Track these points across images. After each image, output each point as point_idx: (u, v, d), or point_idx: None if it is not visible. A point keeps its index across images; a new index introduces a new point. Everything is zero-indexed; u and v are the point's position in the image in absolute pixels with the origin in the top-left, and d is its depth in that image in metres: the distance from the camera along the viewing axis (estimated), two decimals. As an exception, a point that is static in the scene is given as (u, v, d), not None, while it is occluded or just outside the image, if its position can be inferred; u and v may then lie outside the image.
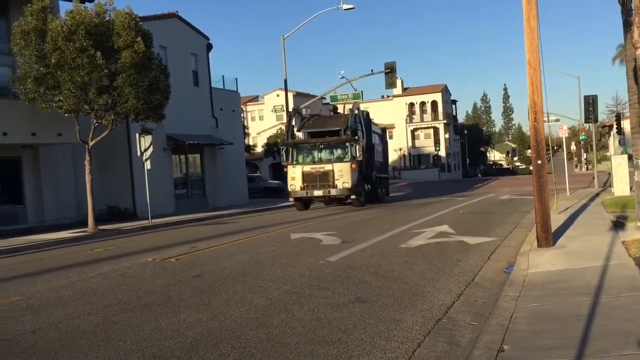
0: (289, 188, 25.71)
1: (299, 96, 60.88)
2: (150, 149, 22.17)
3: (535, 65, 10.30)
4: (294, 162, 25.81)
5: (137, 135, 22.20)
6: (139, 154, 22.36)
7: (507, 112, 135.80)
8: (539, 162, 10.27)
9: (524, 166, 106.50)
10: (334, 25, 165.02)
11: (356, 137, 26.03)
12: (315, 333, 6.23)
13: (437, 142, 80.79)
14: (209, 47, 32.67)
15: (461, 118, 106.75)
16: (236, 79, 35.49)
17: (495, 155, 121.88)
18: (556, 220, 13.35)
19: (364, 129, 27.44)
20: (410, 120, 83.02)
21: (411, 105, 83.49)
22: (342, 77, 49.78)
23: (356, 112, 27.51)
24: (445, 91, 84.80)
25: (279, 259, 11.50)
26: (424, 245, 12.30)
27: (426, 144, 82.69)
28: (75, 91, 18.33)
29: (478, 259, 10.38)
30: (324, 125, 27.61)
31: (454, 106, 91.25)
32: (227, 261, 11.48)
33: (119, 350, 5.90)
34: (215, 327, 6.63)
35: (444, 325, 6.42)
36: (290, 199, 26.26)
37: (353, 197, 25.46)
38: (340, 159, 25.42)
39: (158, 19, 27.17)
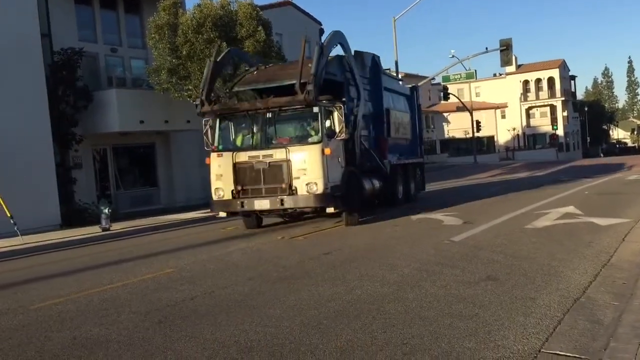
0: (213, 195, 14.20)
1: (408, 77, 60.10)
2: (270, 134, 23.10)
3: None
4: (219, 147, 14.26)
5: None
6: (259, 138, 23.40)
7: (632, 86, 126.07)
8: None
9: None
10: (444, 3, 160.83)
11: (341, 98, 14.36)
12: (451, 308, 6.46)
13: (554, 121, 76.89)
14: (321, 32, 33.32)
15: (580, 94, 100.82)
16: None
17: (618, 133, 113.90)
18: (698, 201, 12.55)
19: (360, 85, 16.00)
20: (525, 99, 79.59)
21: (526, 82, 79.96)
22: (453, 57, 48.92)
23: (337, 50, 15.50)
24: (563, 67, 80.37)
25: (402, 238, 11.80)
26: (551, 226, 12.06)
27: (542, 122, 78.98)
28: (204, 80, 19.56)
29: (611, 241, 10.06)
30: (272, 79, 15.20)
31: (572, 82, 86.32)
32: (352, 240, 11.93)
33: (270, 317, 6.48)
34: (354, 299, 7.05)
35: (583, 305, 6.39)
36: (221, 214, 14.52)
37: (331, 209, 13.58)
38: (302, 139, 13.92)
39: (274, 7, 28.14)
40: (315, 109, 13.70)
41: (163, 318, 6.71)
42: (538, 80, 79.43)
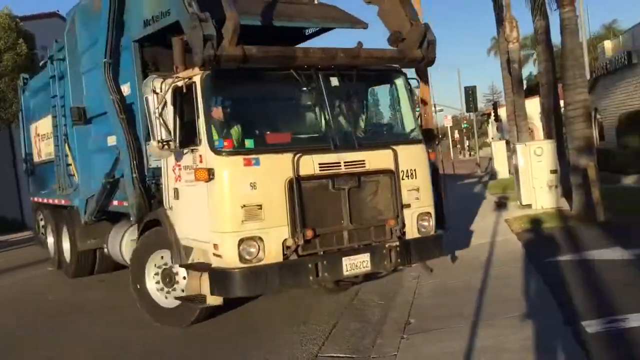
0: (226, 252, 5.51)
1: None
2: (39, 155, 20.99)
3: (422, 62, 11.06)
4: (248, 145, 5.83)
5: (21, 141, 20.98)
6: (25, 161, 21.18)
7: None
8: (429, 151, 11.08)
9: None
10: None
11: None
12: (239, 324, 6.53)
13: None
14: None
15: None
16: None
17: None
18: (447, 204, 14.38)
19: None
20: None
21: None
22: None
23: None
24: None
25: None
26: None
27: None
28: (-45, 97, 17.20)
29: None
30: (292, 14, 7.21)
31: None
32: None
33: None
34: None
35: (355, 306, 6.94)
36: (210, 301, 5.90)
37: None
38: (395, 134, 7.24)
39: (41, 19, 25.80)
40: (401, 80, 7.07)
41: None
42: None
